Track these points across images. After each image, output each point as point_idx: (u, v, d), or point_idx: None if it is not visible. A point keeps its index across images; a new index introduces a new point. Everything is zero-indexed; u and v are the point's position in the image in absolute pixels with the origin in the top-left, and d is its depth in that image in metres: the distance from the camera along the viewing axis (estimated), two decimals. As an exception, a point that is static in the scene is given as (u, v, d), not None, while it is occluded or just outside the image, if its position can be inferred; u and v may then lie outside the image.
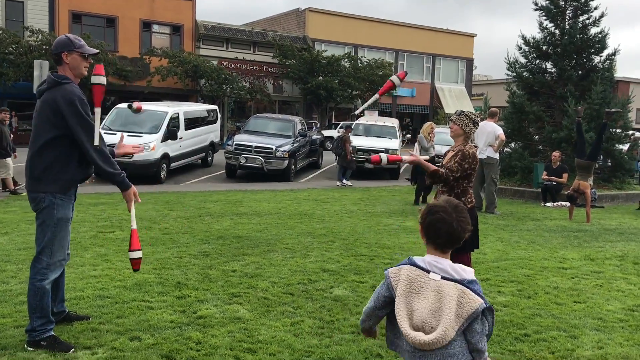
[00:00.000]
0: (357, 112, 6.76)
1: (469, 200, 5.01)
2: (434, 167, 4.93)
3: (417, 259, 2.48)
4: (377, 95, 5.67)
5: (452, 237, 2.45)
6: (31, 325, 4.05)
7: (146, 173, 15.45)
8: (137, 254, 4.32)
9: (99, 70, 4.09)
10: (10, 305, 4.91)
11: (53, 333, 4.10)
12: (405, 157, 5.19)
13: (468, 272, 2.41)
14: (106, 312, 4.81)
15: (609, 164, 15.60)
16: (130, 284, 5.66)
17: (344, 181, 16.42)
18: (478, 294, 2.34)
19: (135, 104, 5.61)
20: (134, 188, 4.24)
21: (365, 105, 6.04)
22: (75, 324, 4.50)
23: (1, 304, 4.94)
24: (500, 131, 11.60)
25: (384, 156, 4.83)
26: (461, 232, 2.45)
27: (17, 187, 12.61)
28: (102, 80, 4.09)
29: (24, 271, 5.87)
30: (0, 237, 7.72)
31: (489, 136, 11.46)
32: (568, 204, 13.20)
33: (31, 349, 3.99)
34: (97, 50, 4.61)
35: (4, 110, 13.14)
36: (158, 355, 3.99)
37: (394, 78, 5.46)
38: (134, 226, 4.32)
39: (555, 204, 13.19)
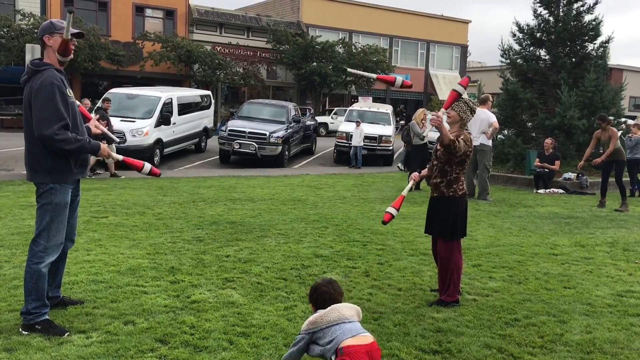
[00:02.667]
0: (349, 69, 6.77)
1: (461, 187, 5.04)
2: (452, 136, 4.83)
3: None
4: (374, 76, 5.38)
5: (334, 301, 3.50)
6: (26, 308, 4.08)
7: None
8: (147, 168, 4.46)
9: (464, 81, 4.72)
10: (4, 290, 4.92)
11: (48, 317, 4.13)
12: (405, 191, 5.11)
13: None
14: (100, 297, 4.84)
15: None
16: (124, 268, 5.68)
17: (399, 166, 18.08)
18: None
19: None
20: (102, 145, 4.24)
21: (361, 73, 5.79)
22: (70, 308, 4.52)
23: (-5, 289, 4.95)
24: (494, 119, 11.63)
25: (391, 210, 4.84)
26: (338, 296, 3.55)
27: (116, 171, 13.66)
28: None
29: (18, 256, 5.88)
30: (-6, 222, 7.71)
31: (482, 123, 11.48)
32: (560, 190, 13.32)
33: (26, 333, 4.02)
34: (79, 30, 4.54)
35: (106, 100, 14.91)
36: (152, 339, 4.03)
37: (399, 79, 5.20)
38: (120, 158, 4.47)
39: (547, 190, 13.28)
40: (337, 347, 3.25)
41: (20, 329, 4.06)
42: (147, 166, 4.47)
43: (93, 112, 14.09)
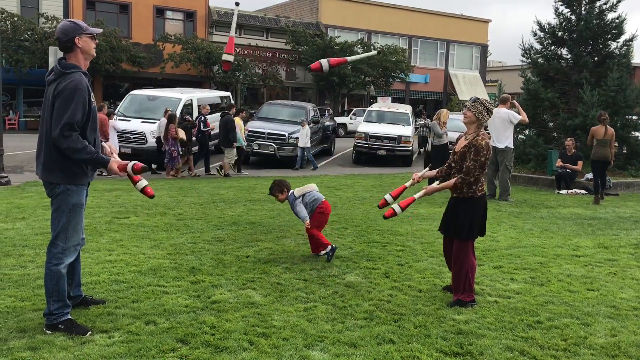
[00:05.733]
0: (349, 59, 7.19)
1: (480, 188, 5.03)
2: (452, 183, 5.00)
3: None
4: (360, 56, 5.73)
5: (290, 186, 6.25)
6: (48, 309, 4.13)
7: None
8: None
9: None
10: (28, 289, 4.99)
11: (70, 317, 4.18)
12: (418, 195, 5.37)
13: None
14: (122, 297, 4.88)
15: (624, 151, 15.43)
16: (145, 268, 5.73)
17: None
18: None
19: None
20: (112, 162, 4.15)
21: (360, 57, 6.25)
22: (92, 308, 4.57)
23: (20, 288, 5.03)
24: (519, 117, 11.56)
25: (396, 207, 5.17)
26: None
27: (228, 171, 14.83)
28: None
29: (42, 256, 5.96)
30: (18, 222, 7.83)
31: (502, 123, 11.38)
32: (583, 191, 13.13)
33: (49, 332, 4.07)
34: (101, 30, 4.57)
35: (241, 110, 16.32)
36: (173, 339, 4.05)
37: (324, 62, 5.47)
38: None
39: (569, 191, 13.11)
40: (320, 201, 6.52)
41: (44, 329, 4.11)
42: (143, 182, 4.40)
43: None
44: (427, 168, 5.86)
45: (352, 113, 36.13)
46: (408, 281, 5.68)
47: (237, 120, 15.14)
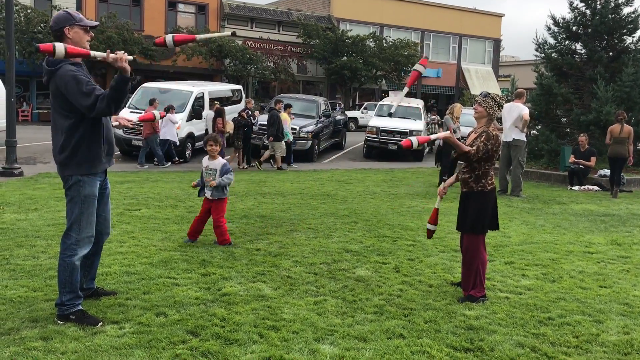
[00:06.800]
0: (392, 110, 7.22)
1: (490, 182, 5.02)
2: (466, 148, 4.91)
3: None
4: (406, 88, 5.99)
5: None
6: (60, 300, 4.15)
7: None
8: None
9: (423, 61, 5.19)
10: (40, 280, 5.03)
11: (81, 307, 4.20)
12: (438, 135, 5.33)
13: None
14: (133, 288, 4.90)
15: (639, 147, 15.27)
16: (156, 260, 5.75)
17: None
18: None
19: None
20: (110, 54, 3.92)
21: (399, 100, 6.65)
22: (103, 299, 4.60)
23: (32, 278, 5.07)
24: (525, 111, 11.42)
25: (414, 139, 4.85)
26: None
27: (282, 164, 15.29)
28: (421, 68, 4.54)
29: (54, 247, 6.00)
30: (30, 213, 7.89)
31: (516, 118, 11.29)
32: (596, 187, 13.02)
33: (61, 323, 4.09)
34: (97, 23, 4.52)
35: (288, 106, 16.39)
36: (183, 330, 4.07)
37: (418, 67, 5.77)
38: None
39: (582, 187, 13.00)
40: None
41: (55, 319, 4.14)
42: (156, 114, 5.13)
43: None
44: (445, 177, 5.88)
45: (363, 107, 36.02)
46: (418, 276, 5.66)
47: (284, 116, 15.56)
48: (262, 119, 18.18)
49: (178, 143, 15.53)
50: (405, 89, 6.21)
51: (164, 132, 15.04)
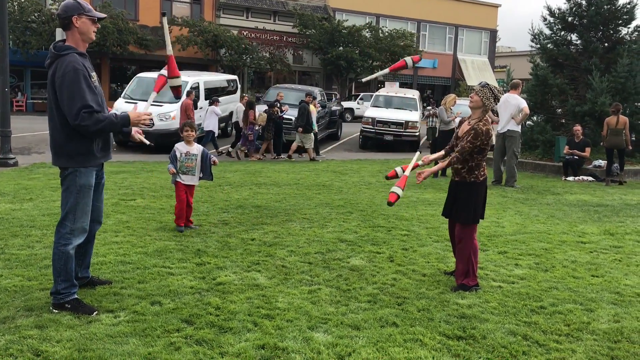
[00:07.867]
0: (363, 79, 7.12)
1: (482, 173, 5.05)
2: (446, 163, 5.09)
3: None
4: (386, 70, 6.06)
5: None
6: (55, 288, 4.17)
7: (166, 142, 15.52)
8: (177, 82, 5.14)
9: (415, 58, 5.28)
10: (35, 269, 5.04)
11: (77, 296, 4.22)
12: (408, 171, 5.60)
13: None
14: (128, 277, 4.92)
15: (634, 138, 15.33)
16: (151, 250, 5.77)
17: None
18: None
19: None
20: (131, 112, 4.23)
21: (373, 76, 6.53)
22: (98, 288, 4.62)
23: (27, 268, 5.08)
24: (524, 104, 11.44)
25: (398, 190, 5.33)
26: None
27: (315, 156, 15.61)
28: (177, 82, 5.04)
29: (49, 236, 6.01)
30: (25, 203, 7.89)
31: (512, 108, 11.30)
32: (590, 178, 13.08)
33: (56, 311, 4.11)
34: (105, 15, 4.53)
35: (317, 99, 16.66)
36: (178, 319, 4.09)
37: (408, 60, 5.85)
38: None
39: (576, 178, 13.06)
40: None
41: (51, 307, 4.16)
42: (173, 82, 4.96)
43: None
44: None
45: (359, 98, 35.98)
46: (412, 265, 5.70)
47: (312, 108, 15.87)
48: (259, 109, 18.14)
49: (217, 134, 16.09)
50: (386, 70, 6.26)
51: (207, 123, 15.64)
